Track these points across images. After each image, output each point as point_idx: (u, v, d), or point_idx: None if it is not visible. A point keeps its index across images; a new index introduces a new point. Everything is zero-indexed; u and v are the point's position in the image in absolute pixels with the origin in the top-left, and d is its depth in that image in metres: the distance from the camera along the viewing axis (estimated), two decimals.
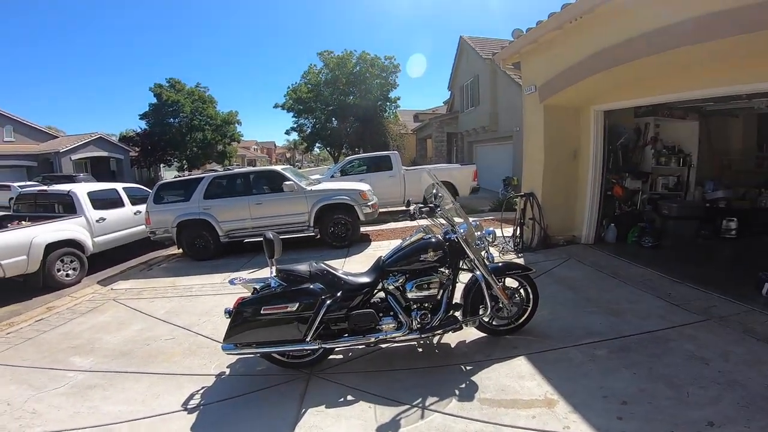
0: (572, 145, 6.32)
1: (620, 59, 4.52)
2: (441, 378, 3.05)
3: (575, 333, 3.56)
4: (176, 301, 5.29)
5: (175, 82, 30.96)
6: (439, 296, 3.17)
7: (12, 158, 24.97)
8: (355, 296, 3.09)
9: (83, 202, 7.14)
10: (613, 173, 6.51)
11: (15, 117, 26.67)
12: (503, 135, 14.73)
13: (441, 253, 3.13)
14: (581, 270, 5.28)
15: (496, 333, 3.54)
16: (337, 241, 7.45)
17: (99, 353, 3.90)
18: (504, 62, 7.11)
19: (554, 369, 3.04)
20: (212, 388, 3.17)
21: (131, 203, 8.10)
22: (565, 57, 5.48)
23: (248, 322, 2.91)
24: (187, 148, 30.70)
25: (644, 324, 3.63)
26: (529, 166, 6.74)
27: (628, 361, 3.07)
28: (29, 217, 7.15)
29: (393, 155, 10.79)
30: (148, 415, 2.86)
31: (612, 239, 6.36)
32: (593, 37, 4.91)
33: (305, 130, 28.80)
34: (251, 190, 7.57)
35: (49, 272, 6.24)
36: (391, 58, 26.63)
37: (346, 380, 3.09)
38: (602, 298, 4.29)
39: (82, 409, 2.98)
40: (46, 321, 4.90)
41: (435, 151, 20.75)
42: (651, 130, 6.81)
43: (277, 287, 3.02)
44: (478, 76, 16.53)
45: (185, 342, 4.01)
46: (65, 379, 3.43)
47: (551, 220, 6.34)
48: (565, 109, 6.16)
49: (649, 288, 4.47)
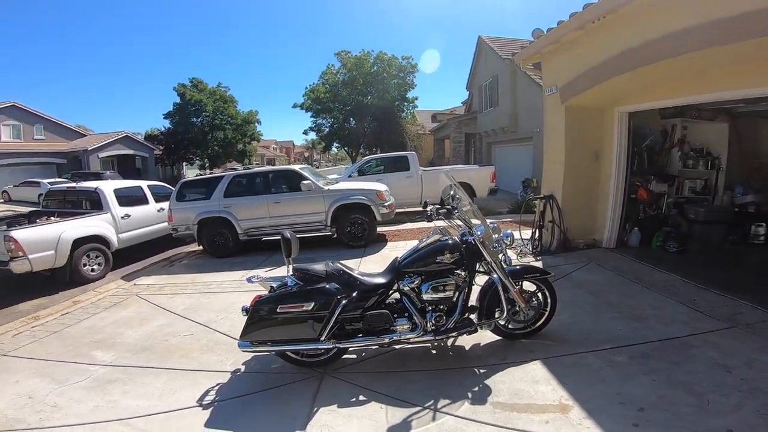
0: (594, 146, 6.18)
1: (645, 60, 4.40)
2: (454, 380, 3.02)
3: (594, 338, 3.48)
4: (195, 298, 5.39)
5: (198, 81, 31.59)
6: (455, 298, 3.14)
7: (42, 156, 25.92)
8: (371, 296, 3.09)
9: (109, 198, 7.35)
10: (638, 176, 6.34)
11: (45, 115, 27.64)
12: (523, 136, 14.52)
13: (457, 255, 3.11)
14: (602, 274, 5.16)
15: (512, 336, 3.49)
16: (353, 241, 7.48)
17: (120, 348, 3.99)
18: (524, 62, 7.01)
19: (570, 374, 2.98)
20: (227, 384, 3.21)
21: (155, 200, 8.28)
22: (587, 57, 5.37)
23: (264, 320, 2.95)
24: (209, 146, 31.28)
25: (667, 330, 3.53)
26: (550, 168, 6.62)
27: (647, 367, 3.00)
28: (58, 213, 7.41)
29: (410, 155, 10.77)
30: (165, 410, 2.91)
31: (635, 243, 6.19)
32: (617, 38, 4.79)
33: (323, 130, 28.99)
34: (270, 189, 7.67)
35: (76, 267, 6.44)
36: (408, 58, 26.58)
37: (359, 380, 3.09)
38: (624, 304, 4.18)
39: (102, 402, 3.05)
40: (71, 315, 5.03)
41: (453, 152, 20.60)
42: (678, 132, 6.60)
43: (293, 286, 3.05)
44: (497, 76, 16.35)
45: (203, 338, 4.08)
46: (87, 372, 3.51)
47: (571, 223, 6.21)
48: (588, 110, 6.03)
49: (672, 294, 4.34)
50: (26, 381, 3.40)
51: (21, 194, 20.71)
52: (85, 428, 2.76)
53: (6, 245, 5.69)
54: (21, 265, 5.79)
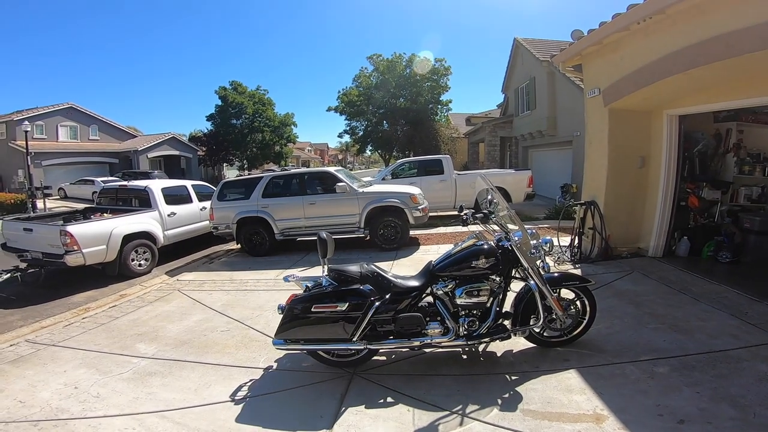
0: (640, 151, 5.90)
1: (697, 61, 4.15)
2: (483, 386, 2.97)
3: (635, 349, 3.33)
4: (233, 295, 5.58)
5: (238, 84, 32.71)
6: (489, 304, 3.09)
7: (96, 155, 27.63)
8: (404, 299, 3.09)
9: (158, 197, 7.75)
10: (689, 182, 5.98)
11: (99, 117, 29.32)
12: (561, 140, 14.06)
13: (493, 260, 3.05)
14: (646, 284, 4.90)
15: (547, 344, 3.39)
16: (386, 244, 7.51)
17: (162, 341, 4.16)
18: (564, 64, 6.80)
19: (607, 384, 2.87)
20: (259, 381, 3.29)
21: (198, 200, 8.66)
22: (632, 58, 5.15)
23: (299, 318, 3.01)
24: (248, 148, 32.30)
25: (714, 343, 3.34)
26: (591, 173, 6.38)
27: (691, 379, 2.84)
28: (110, 210, 7.90)
29: (444, 159, 10.69)
30: (199, 404, 3.00)
31: (684, 253, 5.84)
32: (665, 39, 4.57)
33: (357, 133, 29.27)
34: (305, 191, 7.85)
35: (125, 261, 6.80)
36: (441, 61, 26.30)
37: (388, 382, 3.10)
38: (668, 315, 3.96)
39: (141, 394, 3.16)
40: (118, 308, 5.32)
41: (487, 156, 20.23)
42: (733, 137, 6.16)
43: (328, 286, 3.10)
44: (534, 79, 15.93)
45: (238, 334, 4.21)
46: (130, 365, 3.66)
47: (614, 231, 5.95)
48: (633, 113, 5.77)
49: (723, 306, 4.08)
50: (73, 372, 3.57)
51: (76, 192, 22.12)
52: (123, 419, 2.87)
53: (62, 239, 6.10)
54: (75, 259, 6.18)
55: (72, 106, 27.32)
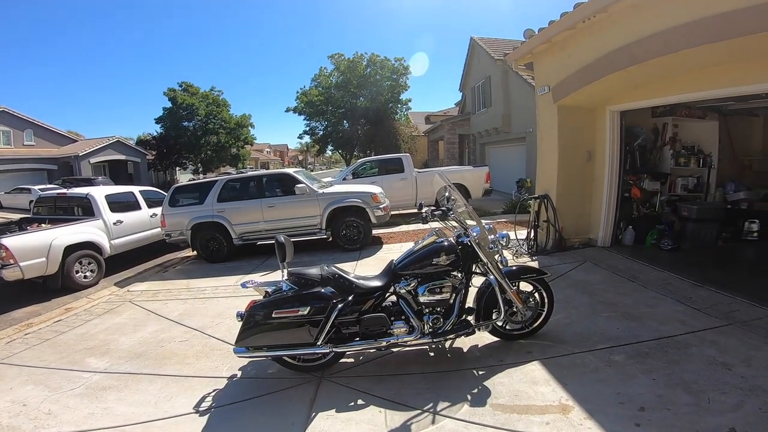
0: (587, 146, 6.21)
1: (636, 59, 4.43)
2: (453, 383, 3.01)
3: (591, 338, 3.48)
4: (190, 303, 5.34)
5: (188, 85, 31.35)
6: (452, 300, 3.13)
7: (32, 162, 25.58)
8: (367, 300, 3.07)
9: (101, 205, 7.26)
10: (631, 174, 6.37)
11: (35, 121, 27.22)
12: (516, 136, 14.59)
13: (453, 256, 3.09)
14: (598, 273, 5.17)
15: (510, 337, 3.49)
16: (349, 244, 7.45)
17: (114, 354, 3.94)
18: (516, 63, 7.04)
19: (569, 374, 2.98)
20: (224, 390, 3.18)
21: (147, 206, 8.21)
22: (578, 57, 5.40)
23: (260, 325, 2.91)
24: (202, 151, 31.08)
25: (663, 329, 3.53)
26: (543, 168, 6.64)
27: (646, 366, 3.00)
28: (49, 220, 7.32)
29: (405, 157, 10.76)
30: (160, 417, 2.88)
31: (630, 242, 6.22)
32: (607, 37, 4.83)
33: (317, 133, 28.96)
34: (264, 193, 7.62)
35: (68, 274, 6.35)
36: (400, 60, 26.58)
37: (357, 384, 3.07)
38: (620, 303, 4.19)
39: (97, 410, 3.01)
40: (63, 322, 4.97)
41: (447, 153, 20.66)
42: (669, 131, 6.65)
43: (288, 291, 3.02)
44: (490, 77, 16.41)
45: (198, 344, 4.04)
46: (81, 380, 3.46)
47: (566, 223, 6.23)
48: (580, 110, 6.06)
49: (668, 292, 4.35)
50: (20, 388, 3.38)
51: (12, 201, 20.39)
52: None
53: None
54: (12, 273, 5.70)
55: (4, 110, 25.23)
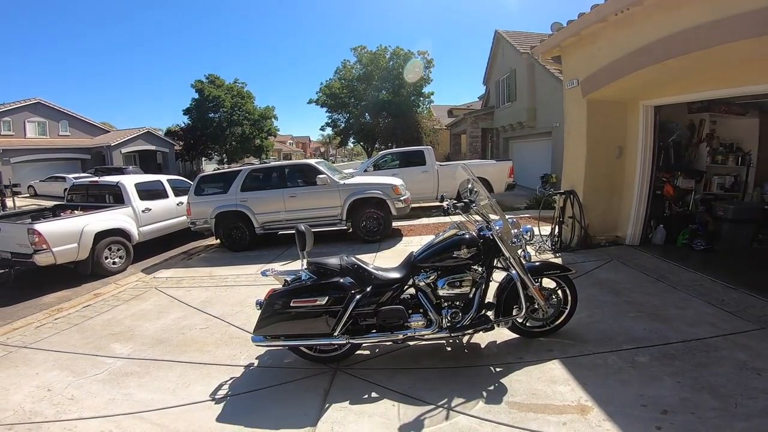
0: (617, 141, 5.98)
1: (672, 52, 4.20)
2: (468, 379, 2.96)
3: (615, 338, 3.37)
4: (212, 291, 5.45)
5: (215, 78, 31.93)
6: (471, 294, 3.07)
7: (67, 151, 26.62)
8: (385, 292, 3.04)
9: (131, 193, 7.48)
10: (664, 171, 6.10)
11: (70, 112, 28.25)
12: (541, 131, 14.22)
13: (475, 250, 3.02)
14: (625, 272, 4.99)
15: (530, 335, 3.40)
16: (368, 236, 7.45)
17: (138, 340, 4.02)
18: (543, 56, 6.84)
19: (590, 375, 2.89)
20: (240, 379, 3.21)
21: (174, 194, 8.39)
22: (610, 50, 5.18)
23: (278, 314, 2.93)
24: (227, 142, 31.72)
25: (693, 331, 3.39)
26: (570, 163, 6.44)
27: (672, 369, 2.88)
28: (81, 207, 7.58)
29: (426, 150, 10.65)
30: (178, 404, 2.92)
31: (660, 241, 5.98)
32: (642, 29, 4.61)
33: (339, 125, 29.05)
34: (286, 183, 7.69)
35: (98, 260, 6.54)
36: (424, 53, 26.34)
37: (372, 377, 3.06)
38: (647, 303, 4.03)
39: (118, 396, 3.06)
40: (92, 307, 5.11)
41: (469, 147, 20.33)
42: (706, 127, 6.31)
43: (307, 280, 3.02)
44: (515, 71, 16.02)
45: (218, 332, 4.11)
46: (105, 365, 3.54)
47: (593, 219, 6.04)
48: (611, 104, 5.83)
49: (699, 294, 4.17)
50: (46, 374, 3.45)
51: (47, 189, 21.23)
52: (99, 421, 2.78)
53: (30, 238, 5.81)
54: (45, 258, 5.90)
55: (40, 102, 26.24)
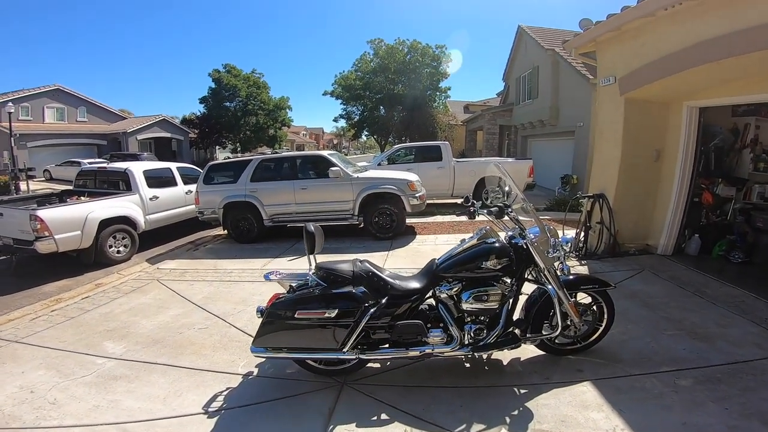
0: (656, 143, 5.56)
1: (734, 51, 3.78)
2: (490, 401, 2.65)
3: (653, 358, 3.04)
4: (215, 286, 5.21)
5: (231, 67, 31.81)
6: (499, 309, 2.74)
7: (84, 137, 26.80)
8: (402, 303, 2.72)
9: (138, 180, 7.26)
10: (703, 177, 5.66)
11: (88, 98, 28.51)
12: (563, 130, 13.68)
13: (506, 260, 2.68)
14: (658, 284, 4.60)
15: (558, 352, 3.07)
16: (381, 232, 7.14)
17: (132, 339, 3.79)
18: (576, 51, 6.39)
19: (626, 399, 2.57)
20: (237, 389, 2.95)
21: (183, 183, 8.18)
22: (656, 46, 4.78)
23: (281, 325, 2.64)
24: (241, 131, 31.65)
25: (737, 352, 3.07)
26: (601, 165, 6.03)
27: (717, 393, 2.58)
28: (88, 193, 7.41)
29: (443, 145, 10.25)
30: (167, 416, 2.67)
31: (694, 252, 5.55)
32: (697, 26, 4.20)
33: (353, 118, 28.70)
34: (297, 175, 7.42)
35: (101, 248, 6.34)
36: (442, 47, 25.77)
37: (382, 394, 2.76)
38: (685, 319, 3.67)
39: (103, 402, 2.83)
40: (90, 299, 4.89)
41: (485, 144, 19.84)
42: (751, 132, 5.83)
43: (315, 287, 2.71)
44: (538, 68, 15.45)
45: (217, 333, 3.85)
46: (94, 366, 3.31)
47: (623, 226, 5.63)
48: (651, 104, 5.41)
49: (741, 311, 3.81)
50: (32, 373, 3.23)
51: (62, 173, 21.38)
52: (80, 430, 2.56)
53: (32, 224, 5.61)
54: (46, 245, 5.69)
55: (59, 88, 26.52)
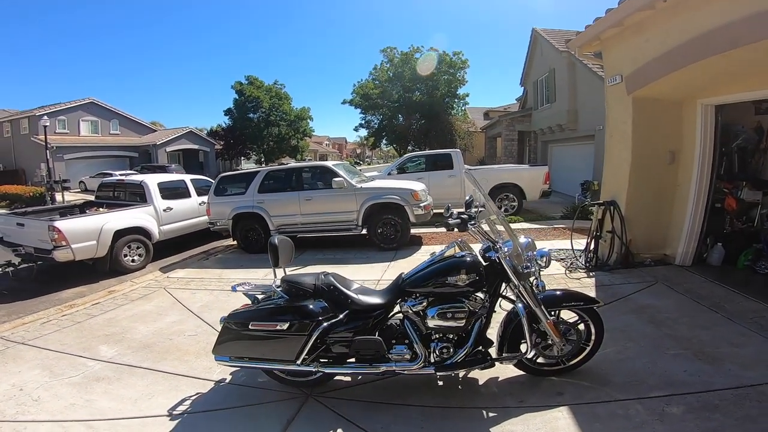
0: (669, 145, 5.21)
1: (740, 41, 3.48)
2: (456, 423, 2.52)
3: (647, 381, 2.78)
4: (215, 295, 5.29)
5: (254, 79, 32.76)
6: (470, 326, 2.58)
7: (116, 149, 28.23)
8: (364, 318, 2.63)
9: (153, 192, 7.54)
10: (725, 181, 5.26)
11: (120, 112, 29.90)
12: (583, 134, 13.20)
13: (475, 276, 2.53)
14: (671, 298, 4.26)
15: (539, 373, 2.87)
16: (384, 243, 7.05)
17: (125, 343, 3.93)
18: (581, 49, 6.11)
19: (602, 428, 2.36)
20: (206, 395, 3.00)
21: (197, 194, 8.42)
22: (659, 40, 4.50)
23: (237, 335, 2.64)
24: (264, 142, 32.47)
25: (746, 375, 2.76)
26: (612, 169, 5.72)
27: (710, 423, 2.32)
28: (106, 205, 7.76)
29: (454, 153, 10.07)
30: (132, 416, 2.77)
31: (717, 262, 5.13)
32: (699, 16, 3.93)
33: (372, 126, 28.85)
34: (302, 186, 7.47)
35: (116, 257, 6.62)
36: (459, 54, 25.58)
37: (345, 409, 2.69)
38: (694, 338, 3.35)
39: (80, 401, 2.96)
40: (100, 305, 5.11)
41: (504, 151, 19.35)
42: None
43: (278, 299, 2.70)
44: (554, 71, 15.04)
45: (204, 340, 3.88)
46: (83, 368, 3.47)
47: (636, 234, 5.30)
48: (661, 103, 5.08)
49: (762, 328, 3.44)
50: (27, 372, 3.40)
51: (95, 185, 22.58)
52: (50, 425, 2.71)
53: (50, 234, 5.96)
54: (64, 254, 6.02)
55: (93, 102, 27.95)
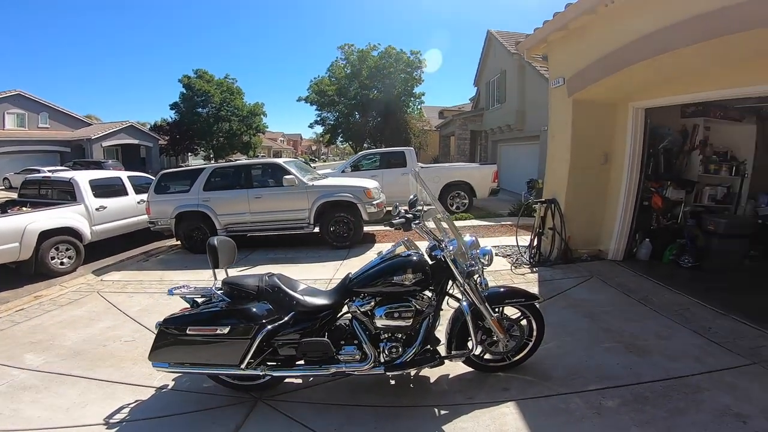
0: (604, 146, 5.55)
1: (667, 46, 3.75)
2: (407, 422, 2.53)
3: (584, 375, 2.92)
4: (156, 298, 4.99)
5: (203, 72, 31.34)
6: (418, 325, 2.60)
7: (45, 144, 25.89)
8: (310, 319, 2.57)
9: (84, 189, 6.98)
10: (653, 181, 5.67)
11: (50, 104, 27.57)
12: (529, 134, 13.83)
13: (421, 275, 2.55)
14: (605, 292, 4.55)
15: (487, 369, 2.94)
16: (337, 241, 6.97)
17: (53, 351, 3.68)
18: (529, 52, 6.37)
19: (547, 423, 2.46)
20: (146, 402, 2.85)
21: (136, 192, 7.90)
22: (599, 45, 4.75)
23: (175, 340, 2.49)
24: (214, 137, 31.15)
25: (673, 367, 2.96)
26: (553, 169, 6.01)
27: (643, 416, 2.46)
28: (31, 204, 7.07)
29: (407, 151, 10.19)
30: (65, 425, 2.62)
31: (645, 256, 5.55)
32: (634, 22, 4.18)
33: (328, 123, 28.56)
34: (251, 183, 7.21)
35: (42, 260, 6.08)
36: (416, 53, 25.94)
37: (297, 412, 2.62)
38: (625, 331, 3.59)
39: (5, 411, 2.80)
40: (24, 312, 4.73)
41: (457, 149, 19.88)
42: (700, 133, 5.88)
43: (218, 303, 2.58)
44: (505, 72, 15.62)
45: (142, 346, 3.63)
46: (8, 377, 3.25)
47: (575, 231, 5.60)
48: (598, 105, 5.39)
49: (685, 320, 3.73)
50: None
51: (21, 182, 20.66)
52: None
53: None
54: None
55: (20, 94, 25.70)
